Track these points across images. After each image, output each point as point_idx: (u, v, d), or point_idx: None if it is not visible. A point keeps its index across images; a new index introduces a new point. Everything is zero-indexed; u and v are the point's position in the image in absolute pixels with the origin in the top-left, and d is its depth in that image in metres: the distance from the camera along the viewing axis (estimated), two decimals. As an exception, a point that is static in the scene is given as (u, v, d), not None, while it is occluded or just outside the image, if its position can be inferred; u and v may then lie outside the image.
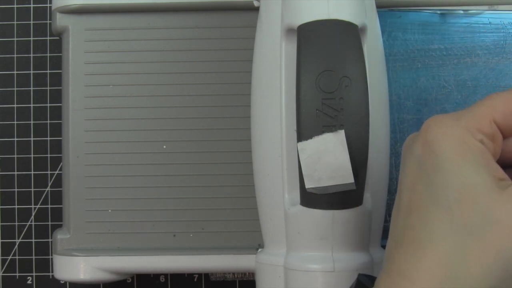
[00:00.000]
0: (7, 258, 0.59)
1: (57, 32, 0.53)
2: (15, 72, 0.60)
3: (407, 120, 0.50)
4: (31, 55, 0.60)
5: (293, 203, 0.42)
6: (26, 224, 0.59)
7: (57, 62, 0.60)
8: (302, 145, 0.40)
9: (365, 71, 0.40)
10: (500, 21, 0.50)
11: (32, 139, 0.60)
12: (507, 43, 0.50)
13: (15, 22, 0.61)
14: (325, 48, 0.40)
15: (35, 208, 0.59)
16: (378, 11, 0.45)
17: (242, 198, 0.51)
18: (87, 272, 0.51)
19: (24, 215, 0.59)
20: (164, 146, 0.52)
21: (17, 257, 0.59)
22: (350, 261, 0.42)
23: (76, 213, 0.52)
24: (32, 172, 0.60)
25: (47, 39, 0.60)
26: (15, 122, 0.60)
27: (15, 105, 0.60)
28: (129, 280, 0.59)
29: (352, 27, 0.41)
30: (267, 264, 0.44)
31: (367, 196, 0.42)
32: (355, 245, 0.42)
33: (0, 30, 0.61)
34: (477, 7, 0.51)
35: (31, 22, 0.61)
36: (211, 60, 0.52)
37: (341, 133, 0.39)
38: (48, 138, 0.60)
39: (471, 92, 0.50)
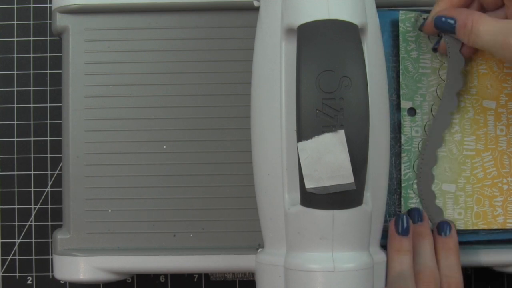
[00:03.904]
0: (7, 258, 0.59)
1: (57, 32, 0.53)
2: (15, 72, 0.60)
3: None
4: (31, 55, 0.60)
5: (293, 203, 0.42)
6: (26, 224, 0.59)
7: (57, 62, 0.60)
8: (302, 145, 0.40)
9: (365, 71, 0.40)
10: None
11: (32, 139, 0.60)
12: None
13: (15, 22, 0.61)
14: (325, 48, 0.40)
15: (35, 208, 0.59)
16: (378, 11, 0.45)
17: (242, 198, 0.51)
18: (87, 272, 0.51)
19: (24, 215, 0.59)
20: (164, 146, 0.52)
21: (17, 257, 0.59)
22: (350, 261, 0.42)
23: (76, 213, 0.52)
24: (32, 172, 0.60)
25: (47, 39, 0.60)
26: (15, 122, 0.60)
27: (15, 105, 0.60)
28: (129, 280, 0.59)
29: (352, 27, 0.41)
30: (267, 264, 0.44)
31: (367, 196, 0.42)
32: (355, 245, 0.42)
33: (0, 30, 0.61)
34: (477, 7, 0.51)
35: (31, 22, 0.61)
36: (211, 60, 0.52)
37: (341, 133, 0.39)
38: (48, 138, 0.60)
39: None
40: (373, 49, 0.44)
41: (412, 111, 0.50)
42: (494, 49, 0.43)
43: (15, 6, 0.61)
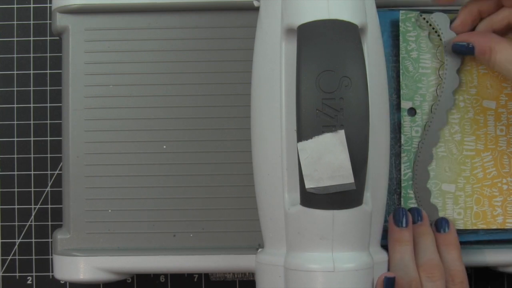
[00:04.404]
0: (7, 258, 0.59)
1: (57, 32, 0.53)
2: (15, 72, 0.60)
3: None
4: (31, 55, 0.60)
5: (293, 203, 0.42)
6: (26, 224, 0.59)
7: (57, 62, 0.60)
8: (302, 145, 0.40)
9: (365, 71, 0.40)
10: None
11: (32, 139, 0.60)
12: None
13: (15, 22, 0.61)
14: (325, 48, 0.40)
15: (35, 208, 0.59)
16: (378, 11, 0.45)
17: (242, 198, 0.51)
18: (87, 272, 0.51)
19: (24, 215, 0.59)
20: (164, 146, 0.52)
21: (17, 257, 0.59)
22: (350, 261, 0.42)
23: (76, 213, 0.52)
24: (32, 172, 0.60)
25: (47, 39, 0.60)
26: (15, 122, 0.60)
27: (15, 105, 0.60)
28: (129, 280, 0.59)
29: (352, 27, 0.41)
30: (267, 264, 0.44)
31: (367, 196, 0.42)
32: (355, 245, 0.42)
33: (0, 30, 0.61)
34: (477, 7, 0.51)
35: (31, 22, 0.61)
36: (211, 60, 0.52)
37: (341, 133, 0.39)
38: (48, 138, 0.60)
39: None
40: (373, 49, 0.44)
41: (412, 111, 0.50)
42: (511, 76, 0.46)
43: (15, 6, 0.61)
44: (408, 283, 0.44)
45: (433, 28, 0.50)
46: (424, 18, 0.50)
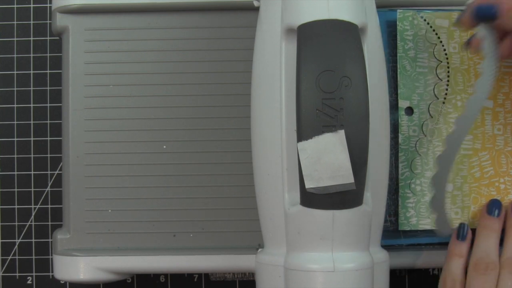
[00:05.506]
0: (7, 258, 0.59)
1: (57, 32, 0.53)
2: (15, 72, 0.60)
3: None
4: (31, 55, 0.60)
5: (293, 203, 0.42)
6: (26, 224, 0.59)
7: (57, 62, 0.60)
8: (302, 145, 0.40)
9: (365, 71, 0.40)
10: None
11: (32, 139, 0.60)
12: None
13: (15, 22, 0.61)
14: (325, 48, 0.40)
15: (35, 208, 0.59)
16: (378, 11, 0.45)
17: (242, 198, 0.51)
18: (87, 272, 0.51)
19: (24, 215, 0.59)
20: (164, 146, 0.52)
21: (17, 257, 0.59)
22: (350, 261, 0.42)
23: (76, 213, 0.52)
24: (32, 172, 0.60)
25: (47, 39, 0.60)
26: (15, 122, 0.60)
27: (15, 105, 0.60)
28: (129, 280, 0.59)
29: (352, 27, 0.41)
30: (267, 264, 0.44)
31: (367, 196, 0.42)
32: (355, 245, 0.42)
33: (0, 30, 0.61)
34: (477, 7, 0.51)
35: (31, 22, 0.61)
36: (211, 60, 0.52)
37: (341, 133, 0.39)
38: (48, 138, 0.60)
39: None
40: (373, 49, 0.44)
41: (409, 111, 0.50)
42: None
43: (15, 6, 0.61)
44: (485, 264, 0.45)
45: (431, 27, 0.50)
46: (421, 17, 0.50)
